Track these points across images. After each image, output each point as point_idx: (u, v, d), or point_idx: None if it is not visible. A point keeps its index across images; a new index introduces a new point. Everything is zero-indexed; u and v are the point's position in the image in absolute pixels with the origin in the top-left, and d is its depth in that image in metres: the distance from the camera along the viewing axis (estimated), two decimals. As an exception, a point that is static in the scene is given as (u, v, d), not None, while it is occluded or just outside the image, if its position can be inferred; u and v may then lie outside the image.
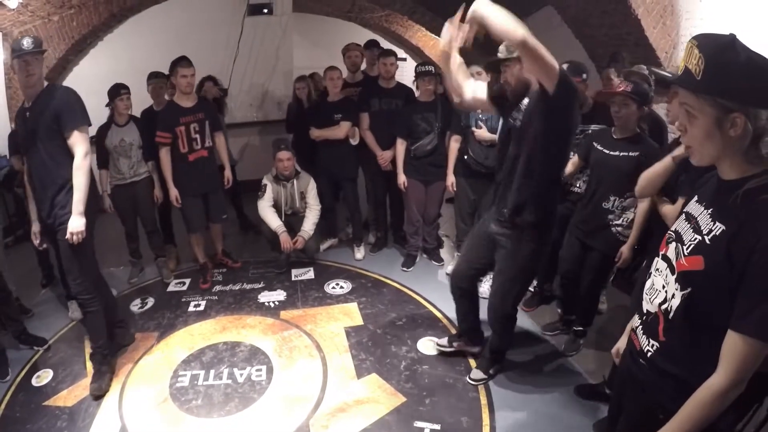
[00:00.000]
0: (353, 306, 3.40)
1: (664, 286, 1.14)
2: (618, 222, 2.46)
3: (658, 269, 1.18)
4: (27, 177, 2.67)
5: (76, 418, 2.43)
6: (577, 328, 2.84)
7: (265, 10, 5.47)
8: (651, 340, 1.17)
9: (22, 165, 2.91)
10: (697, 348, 1.07)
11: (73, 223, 2.36)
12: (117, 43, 5.26)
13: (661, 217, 1.94)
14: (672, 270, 1.12)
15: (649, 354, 1.17)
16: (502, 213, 2.22)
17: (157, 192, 3.70)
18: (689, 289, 1.06)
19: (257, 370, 2.75)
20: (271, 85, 5.86)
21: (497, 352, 2.61)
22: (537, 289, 3.32)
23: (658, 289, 1.16)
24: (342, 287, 3.66)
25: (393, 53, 3.90)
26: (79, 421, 2.41)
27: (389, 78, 3.80)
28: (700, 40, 0.98)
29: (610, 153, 2.41)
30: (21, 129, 2.52)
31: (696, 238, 1.07)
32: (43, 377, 2.76)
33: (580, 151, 2.59)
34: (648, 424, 1.14)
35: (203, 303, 3.49)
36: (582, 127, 2.67)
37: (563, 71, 1.79)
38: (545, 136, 1.99)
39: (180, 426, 2.40)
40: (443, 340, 2.84)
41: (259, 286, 3.72)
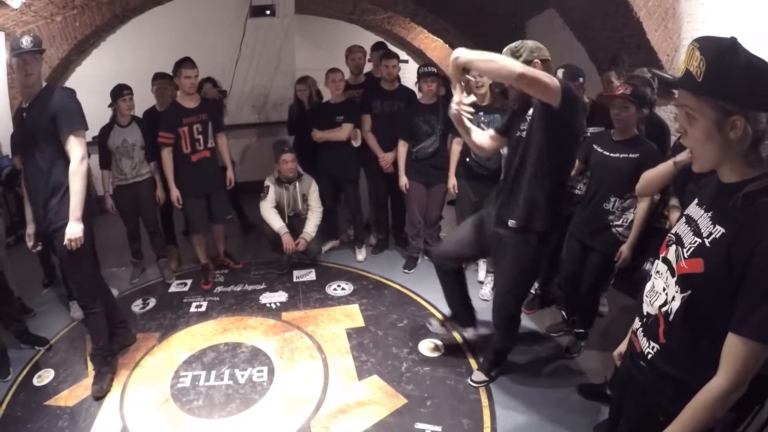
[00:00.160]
0: (354, 307, 3.40)
1: (665, 289, 1.14)
2: (618, 223, 2.47)
3: (659, 272, 1.19)
4: (23, 178, 2.63)
5: (77, 418, 2.44)
6: (578, 330, 2.84)
7: (268, 12, 5.50)
8: (651, 343, 1.17)
9: (22, 165, 2.91)
10: (697, 350, 1.07)
11: (71, 229, 2.33)
12: (120, 43, 5.27)
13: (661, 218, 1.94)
14: (672, 272, 1.12)
15: (650, 356, 1.17)
16: (504, 222, 2.24)
17: (159, 192, 3.70)
18: (689, 292, 1.06)
19: (258, 371, 2.76)
20: (273, 86, 5.87)
21: (500, 353, 2.62)
22: (538, 292, 3.32)
23: (659, 291, 1.17)
24: (343, 289, 3.67)
25: (395, 55, 3.90)
26: (81, 421, 2.41)
27: (391, 80, 3.80)
28: (702, 42, 0.99)
29: (611, 155, 2.43)
30: (18, 129, 2.48)
31: (696, 241, 1.07)
32: (45, 377, 2.76)
33: (580, 154, 2.60)
34: (648, 427, 1.15)
35: (205, 304, 3.49)
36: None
37: (564, 85, 1.84)
38: (553, 145, 2.03)
39: (181, 426, 2.40)
40: (436, 325, 2.89)
41: (261, 287, 3.72)
